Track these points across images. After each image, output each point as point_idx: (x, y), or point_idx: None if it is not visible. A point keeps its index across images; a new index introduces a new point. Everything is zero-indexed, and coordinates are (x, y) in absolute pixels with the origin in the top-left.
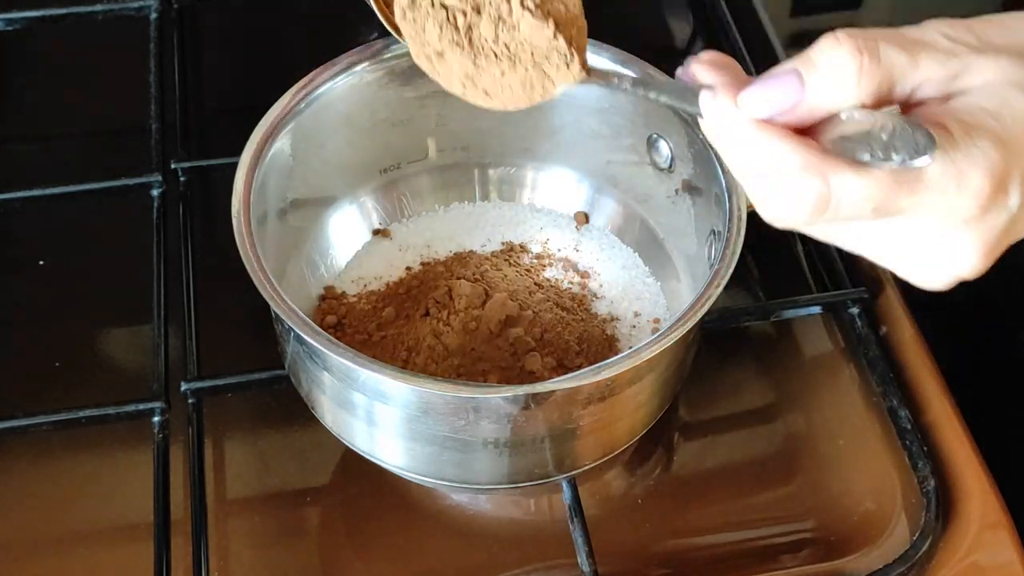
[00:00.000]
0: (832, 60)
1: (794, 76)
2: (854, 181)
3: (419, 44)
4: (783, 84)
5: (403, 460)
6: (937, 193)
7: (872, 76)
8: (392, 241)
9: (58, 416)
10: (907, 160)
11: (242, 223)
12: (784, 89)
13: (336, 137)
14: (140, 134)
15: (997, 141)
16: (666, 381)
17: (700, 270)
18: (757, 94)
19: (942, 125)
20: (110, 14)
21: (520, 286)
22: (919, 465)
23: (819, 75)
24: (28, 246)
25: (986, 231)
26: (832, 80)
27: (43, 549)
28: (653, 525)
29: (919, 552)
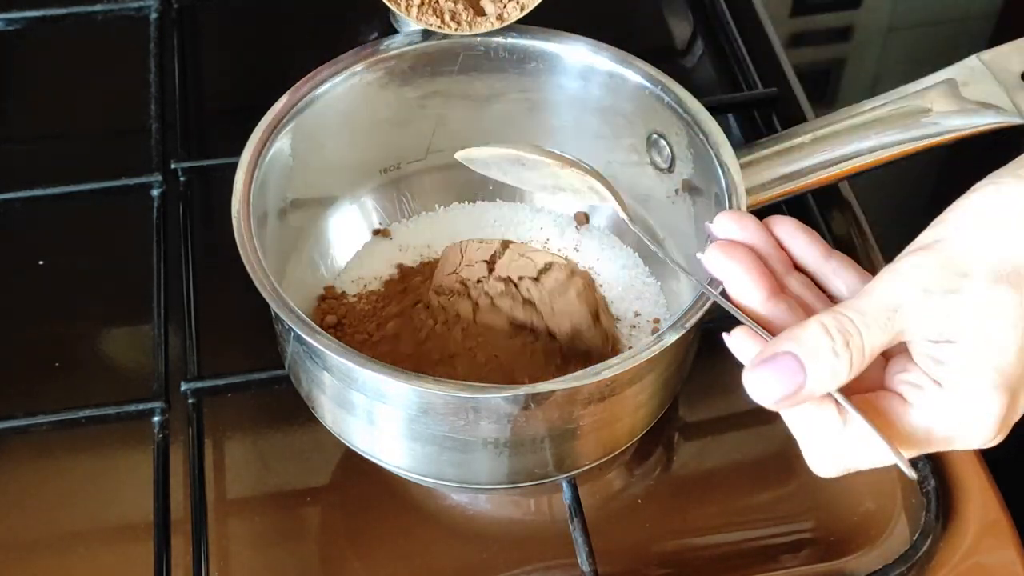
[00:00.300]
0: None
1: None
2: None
3: None
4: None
5: (403, 460)
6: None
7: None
8: (392, 241)
9: (58, 416)
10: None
11: (242, 223)
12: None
13: (336, 137)
14: (140, 134)
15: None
16: (666, 381)
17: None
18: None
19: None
20: (110, 14)
21: None
22: (919, 465)
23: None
24: (28, 246)
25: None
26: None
27: (43, 549)
28: (653, 525)
29: (919, 552)
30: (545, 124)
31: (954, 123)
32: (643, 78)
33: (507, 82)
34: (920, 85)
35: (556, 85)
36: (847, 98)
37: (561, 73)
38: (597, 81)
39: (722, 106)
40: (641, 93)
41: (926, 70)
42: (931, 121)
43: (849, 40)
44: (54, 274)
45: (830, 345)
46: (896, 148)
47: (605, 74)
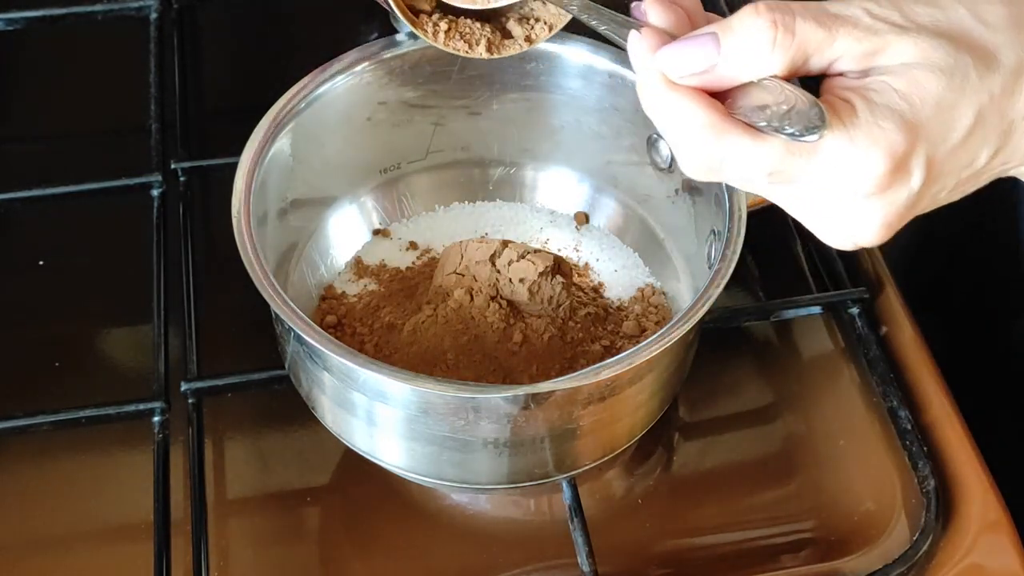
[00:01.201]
0: (749, 29)
1: (712, 39)
2: (746, 145)
3: None
4: (700, 45)
5: (403, 460)
6: (832, 167)
7: (785, 48)
8: (392, 241)
9: (58, 416)
10: (797, 134)
11: (242, 223)
12: (701, 51)
13: (336, 137)
14: (140, 134)
15: (902, 122)
16: (666, 381)
17: (700, 270)
18: (674, 52)
19: (849, 102)
20: (110, 14)
21: None
22: (919, 465)
23: (735, 41)
24: (28, 246)
25: (886, 207)
26: (747, 48)
27: (43, 549)
28: (653, 525)
29: (919, 552)
30: (545, 124)
31: None
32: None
33: (507, 82)
34: None
35: (556, 85)
36: None
37: (561, 73)
38: (597, 81)
39: None
40: None
41: None
42: None
43: None
44: (54, 274)
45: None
46: None
47: (605, 74)
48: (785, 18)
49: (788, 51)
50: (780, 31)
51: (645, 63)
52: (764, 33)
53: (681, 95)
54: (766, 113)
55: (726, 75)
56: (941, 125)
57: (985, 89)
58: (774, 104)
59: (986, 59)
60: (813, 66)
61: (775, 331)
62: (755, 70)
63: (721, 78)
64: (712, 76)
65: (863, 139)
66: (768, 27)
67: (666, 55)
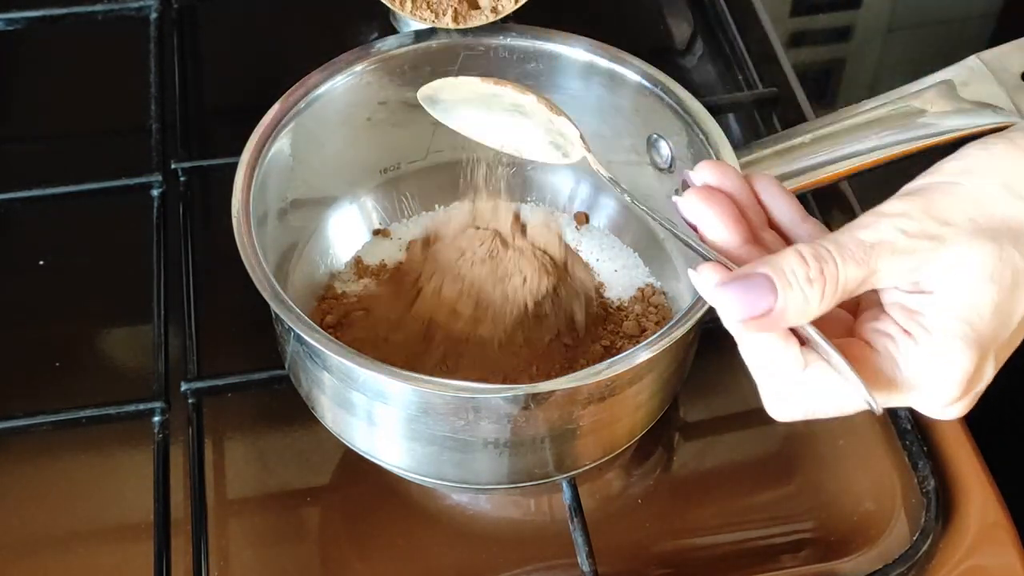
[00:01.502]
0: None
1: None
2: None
3: None
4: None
5: (403, 460)
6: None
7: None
8: (392, 241)
9: (58, 416)
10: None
11: (242, 223)
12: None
13: (336, 137)
14: (140, 134)
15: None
16: (666, 381)
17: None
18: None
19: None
20: (110, 14)
21: None
22: (919, 465)
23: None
24: (28, 246)
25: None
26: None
27: (43, 549)
28: (653, 525)
29: (919, 552)
30: None
31: (954, 123)
32: (643, 78)
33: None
34: (920, 85)
35: (556, 85)
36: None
37: (561, 73)
38: (597, 81)
39: (722, 106)
40: (641, 93)
41: (926, 70)
42: (931, 121)
43: (849, 40)
44: (54, 274)
45: (805, 271)
46: (896, 148)
47: (605, 74)
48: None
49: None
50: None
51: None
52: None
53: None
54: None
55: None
56: (1002, 325)
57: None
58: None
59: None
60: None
61: None
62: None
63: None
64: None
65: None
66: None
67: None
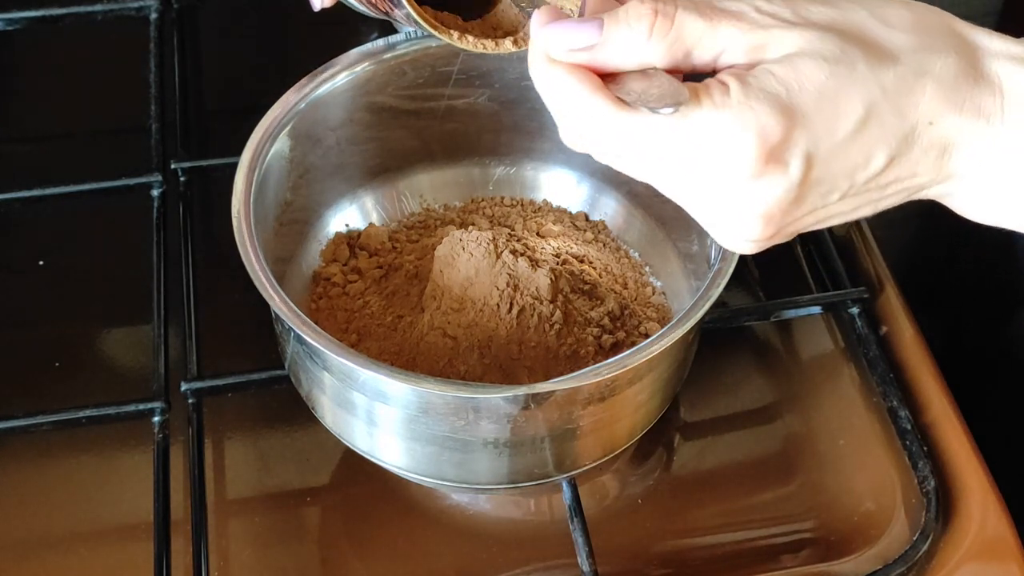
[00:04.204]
0: (630, 15)
1: (596, 22)
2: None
3: None
4: (583, 25)
5: (403, 460)
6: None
7: (662, 35)
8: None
9: (58, 416)
10: (656, 108)
11: (242, 223)
12: (582, 30)
13: (336, 137)
14: (140, 134)
15: (777, 106)
16: (666, 381)
17: (700, 270)
18: (557, 28)
19: (724, 83)
20: (110, 14)
21: None
22: (919, 465)
23: (616, 26)
24: (28, 246)
25: (763, 196)
26: (626, 33)
27: (43, 549)
28: (653, 525)
29: (919, 552)
30: (545, 124)
31: None
32: None
33: (507, 82)
34: None
35: None
36: None
37: None
38: None
39: None
40: None
41: None
42: None
43: None
44: (54, 274)
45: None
46: None
47: None
48: (666, 7)
49: (665, 38)
50: (659, 19)
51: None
52: (643, 20)
53: (558, 67)
54: (637, 93)
55: (606, 59)
56: (823, 114)
57: (875, 81)
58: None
59: (879, 54)
60: (697, 59)
61: (775, 331)
62: (634, 56)
63: (602, 61)
64: (592, 57)
65: (732, 118)
66: (648, 14)
67: (549, 30)
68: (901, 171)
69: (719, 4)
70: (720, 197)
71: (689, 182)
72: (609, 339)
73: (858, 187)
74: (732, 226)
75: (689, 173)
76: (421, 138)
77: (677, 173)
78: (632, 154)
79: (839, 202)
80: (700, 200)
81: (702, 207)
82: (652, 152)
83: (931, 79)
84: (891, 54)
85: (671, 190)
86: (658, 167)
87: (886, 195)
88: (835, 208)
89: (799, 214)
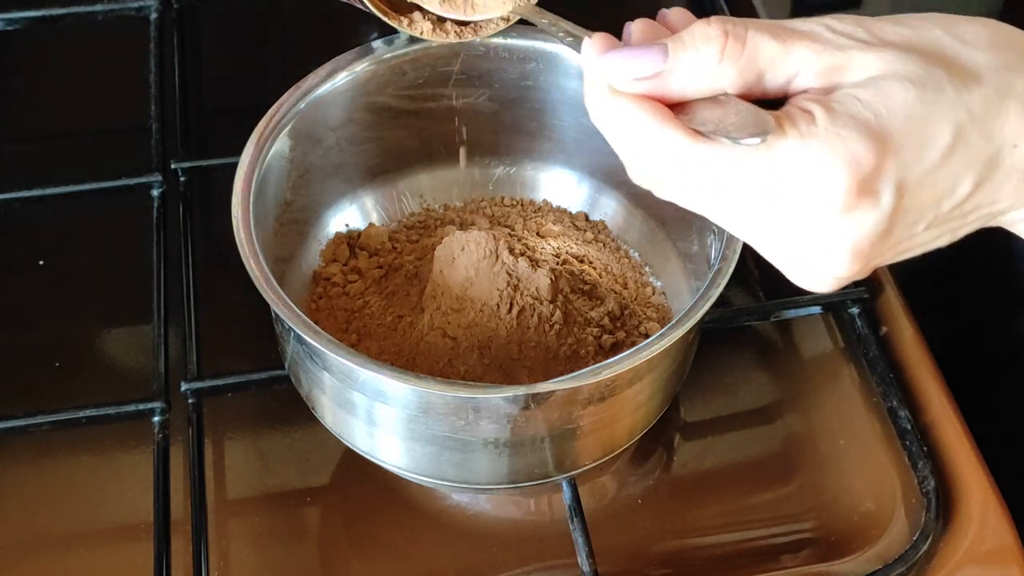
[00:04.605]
0: (698, 39)
1: (660, 48)
2: (686, 145)
3: None
4: (647, 52)
5: (403, 460)
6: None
7: (734, 59)
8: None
9: (58, 416)
10: (739, 138)
11: (242, 223)
12: (647, 57)
13: (336, 137)
14: (140, 134)
15: (867, 133)
16: (666, 381)
17: (700, 270)
18: (619, 55)
19: (808, 111)
20: (110, 14)
21: None
22: (919, 465)
23: (683, 50)
24: (28, 246)
25: (853, 231)
26: (695, 58)
27: (43, 549)
28: (653, 525)
29: (919, 552)
30: (545, 124)
31: None
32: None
33: (507, 82)
34: None
35: (556, 85)
36: None
37: (561, 73)
38: None
39: None
40: None
41: None
42: None
43: None
44: (54, 274)
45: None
46: None
47: None
48: (736, 28)
49: (737, 62)
50: (730, 41)
51: (591, 67)
52: (713, 43)
53: (622, 98)
54: (713, 123)
55: (674, 86)
56: (913, 140)
57: (963, 104)
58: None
59: (963, 75)
60: (769, 83)
61: (775, 331)
62: (704, 82)
63: (668, 89)
64: (659, 85)
65: (820, 148)
66: (717, 36)
67: (611, 58)
68: (984, 197)
69: (788, 24)
70: (805, 233)
71: (770, 218)
72: (609, 339)
73: (943, 216)
74: (816, 264)
75: (771, 208)
76: (421, 138)
77: (757, 208)
78: (707, 190)
79: (923, 232)
80: (781, 238)
81: (782, 245)
82: (731, 186)
83: (1014, 99)
84: (974, 74)
85: (747, 228)
86: (735, 202)
87: (967, 223)
88: (919, 239)
89: (886, 247)
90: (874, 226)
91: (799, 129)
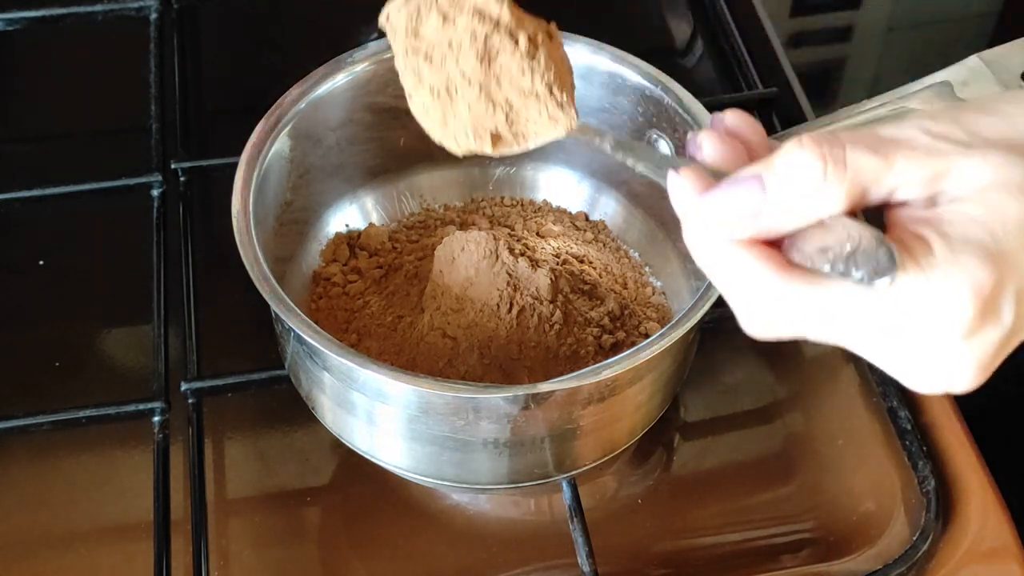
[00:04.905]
0: (794, 166)
1: (755, 181)
2: (810, 296)
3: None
4: (743, 189)
5: (403, 460)
6: (911, 314)
7: (838, 183)
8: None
9: (58, 416)
10: (866, 279)
11: (242, 223)
12: (744, 194)
13: (336, 137)
14: (140, 134)
15: (985, 257)
16: (666, 381)
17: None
18: (723, 197)
19: (922, 238)
20: (110, 14)
21: None
22: (919, 465)
23: (780, 181)
24: (28, 246)
25: (978, 349)
26: (795, 188)
27: (43, 549)
28: (653, 525)
29: (919, 552)
30: None
31: None
32: (643, 78)
33: None
34: (920, 85)
35: None
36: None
37: None
38: (597, 81)
39: (722, 106)
40: (641, 93)
41: (926, 70)
42: None
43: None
44: (54, 274)
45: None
46: None
47: (605, 74)
48: (834, 150)
49: (842, 186)
50: (830, 165)
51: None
52: (812, 169)
53: (739, 249)
54: (828, 256)
55: (775, 222)
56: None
57: None
58: (836, 244)
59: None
60: (872, 199)
61: None
62: (808, 212)
63: (770, 225)
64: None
65: (942, 282)
66: (815, 161)
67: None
68: None
69: (882, 132)
70: (928, 358)
71: (892, 346)
72: (609, 339)
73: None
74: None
75: (895, 339)
76: (421, 138)
77: (880, 339)
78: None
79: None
80: (902, 361)
81: (903, 366)
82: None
83: None
84: None
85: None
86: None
87: None
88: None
89: (1007, 352)
90: (999, 340)
91: (919, 263)
